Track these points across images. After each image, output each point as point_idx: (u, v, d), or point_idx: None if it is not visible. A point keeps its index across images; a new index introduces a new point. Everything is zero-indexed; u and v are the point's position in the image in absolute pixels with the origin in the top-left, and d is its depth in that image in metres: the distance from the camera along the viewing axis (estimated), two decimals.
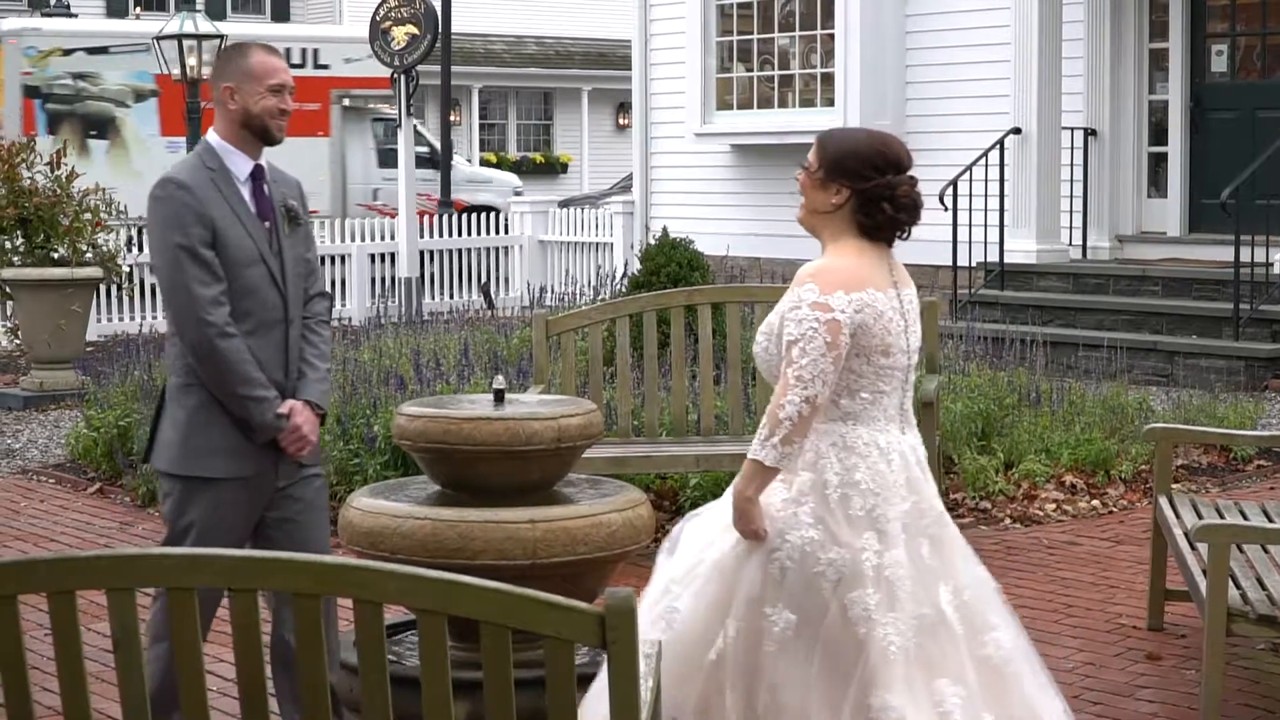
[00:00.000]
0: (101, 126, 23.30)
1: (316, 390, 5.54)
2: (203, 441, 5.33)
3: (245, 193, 5.41)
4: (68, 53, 23.32)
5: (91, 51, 23.14)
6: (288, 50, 25.00)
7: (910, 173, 4.86)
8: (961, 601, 4.75)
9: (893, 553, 4.66)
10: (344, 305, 20.19)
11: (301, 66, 24.66)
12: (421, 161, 27.47)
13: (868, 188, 4.77)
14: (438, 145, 27.27)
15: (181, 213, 5.25)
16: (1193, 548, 6.58)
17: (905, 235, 4.87)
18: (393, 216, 22.11)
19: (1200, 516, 6.96)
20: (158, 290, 5.55)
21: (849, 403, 4.75)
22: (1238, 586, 6.13)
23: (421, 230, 20.65)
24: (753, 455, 4.69)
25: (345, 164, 25.61)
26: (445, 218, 21.90)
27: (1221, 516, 7.05)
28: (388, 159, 25.55)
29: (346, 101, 25.49)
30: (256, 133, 5.43)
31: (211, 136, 5.45)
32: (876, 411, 4.77)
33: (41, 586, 3.47)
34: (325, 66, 25.07)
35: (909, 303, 4.88)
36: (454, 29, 25.37)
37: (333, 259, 21.37)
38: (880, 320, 4.73)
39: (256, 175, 5.46)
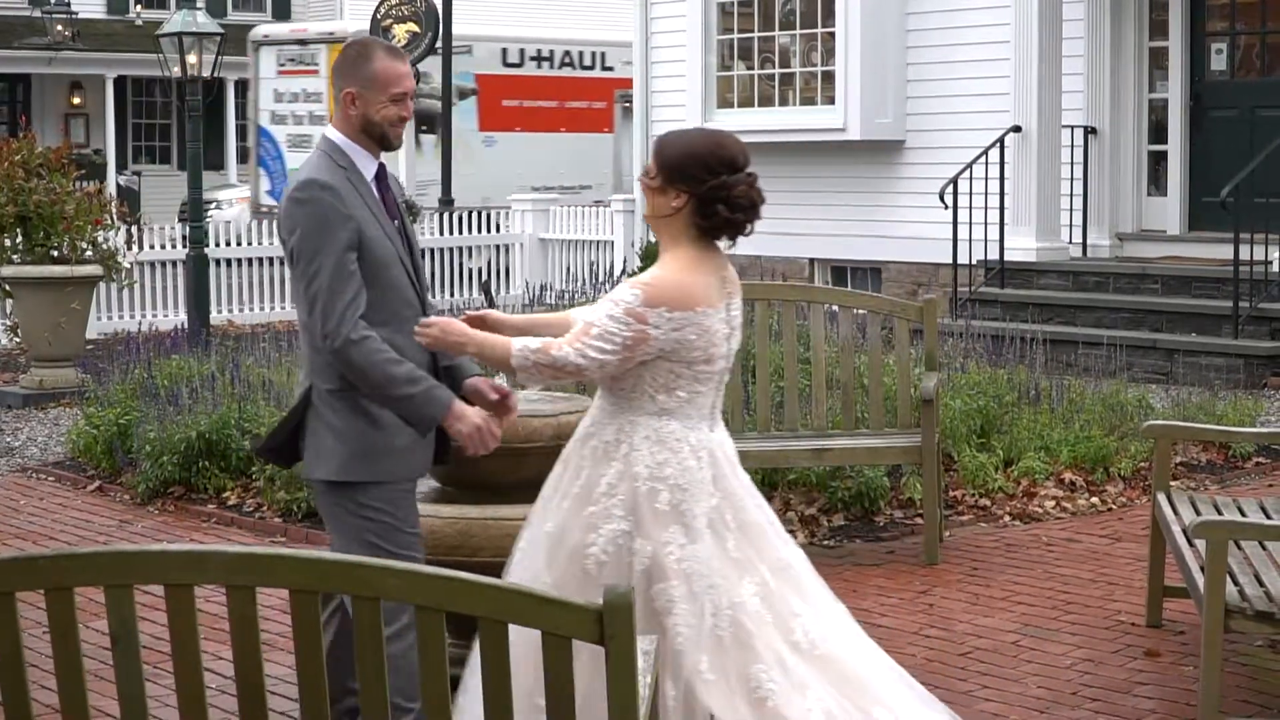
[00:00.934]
0: (430, 122, 24.18)
1: (475, 369, 5.49)
2: (366, 445, 5.19)
3: (374, 191, 5.33)
4: None
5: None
6: (580, 54, 26.92)
7: (748, 170, 4.96)
8: (768, 591, 4.85)
9: (694, 546, 4.78)
10: None
11: (591, 69, 27.09)
12: None
13: (704, 191, 4.88)
14: None
15: (330, 216, 5.12)
16: (1191, 544, 6.58)
17: (748, 232, 4.99)
18: None
19: (1198, 513, 6.97)
20: (293, 292, 5.36)
21: (665, 399, 4.89)
22: (1235, 583, 6.13)
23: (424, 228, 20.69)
24: (516, 347, 4.86)
25: (619, 158, 26.76)
26: (445, 216, 21.91)
27: (1220, 513, 7.05)
28: None
29: (627, 104, 26.68)
30: (375, 138, 5.31)
31: (335, 135, 5.32)
32: (691, 409, 4.92)
33: (40, 583, 3.48)
34: (610, 69, 26.58)
35: (735, 312, 5.03)
36: (453, 28, 25.56)
37: None
38: (705, 335, 4.88)
39: (380, 175, 5.36)
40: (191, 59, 16.46)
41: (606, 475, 4.85)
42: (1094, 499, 9.91)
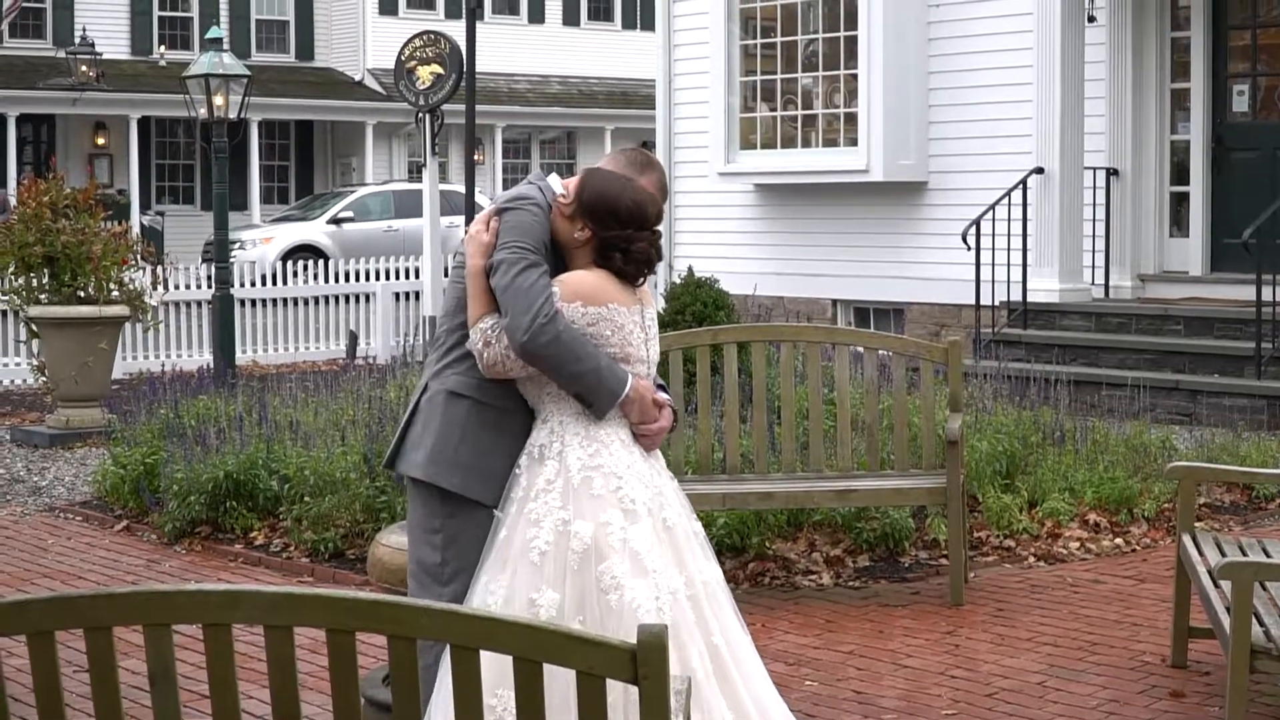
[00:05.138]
0: None
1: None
2: (452, 454, 5.20)
3: None
4: None
5: None
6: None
7: (656, 228, 5.21)
8: (693, 592, 4.96)
9: (637, 527, 4.91)
10: (369, 344, 20.28)
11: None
12: None
13: (607, 236, 5.14)
14: None
15: (538, 228, 5.18)
16: (1216, 585, 6.60)
17: (641, 281, 5.23)
18: None
19: (1223, 554, 6.98)
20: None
21: None
22: (1261, 624, 6.15)
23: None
24: (484, 323, 5.10)
25: None
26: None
27: (1244, 554, 7.06)
28: None
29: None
30: None
31: (558, 185, 5.35)
32: (616, 410, 5.11)
33: (79, 623, 3.50)
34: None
35: (650, 320, 5.28)
36: (478, 68, 25.57)
37: (357, 298, 21.50)
38: (620, 332, 5.12)
39: None
40: (218, 100, 16.55)
41: (543, 473, 5.01)
42: (1118, 540, 9.92)
